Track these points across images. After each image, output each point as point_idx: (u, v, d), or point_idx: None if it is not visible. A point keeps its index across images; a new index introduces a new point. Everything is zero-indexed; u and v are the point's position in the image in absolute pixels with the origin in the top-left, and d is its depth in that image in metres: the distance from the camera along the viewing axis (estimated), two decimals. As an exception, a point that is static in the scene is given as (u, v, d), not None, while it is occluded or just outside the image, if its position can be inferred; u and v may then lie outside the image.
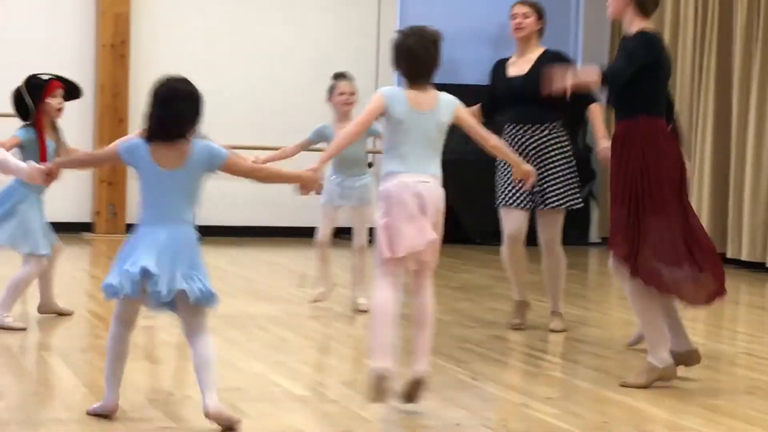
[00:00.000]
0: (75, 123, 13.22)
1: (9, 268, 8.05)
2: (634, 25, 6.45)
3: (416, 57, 5.70)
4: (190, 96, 5.24)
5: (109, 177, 13.70)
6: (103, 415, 5.34)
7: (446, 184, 15.41)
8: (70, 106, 8.12)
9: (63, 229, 13.73)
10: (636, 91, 6.36)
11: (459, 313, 8.84)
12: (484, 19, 15.25)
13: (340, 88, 8.76)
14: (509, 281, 8.35)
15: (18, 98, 7.76)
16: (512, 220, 8.09)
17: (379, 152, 8.91)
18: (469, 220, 14.18)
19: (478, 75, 14.95)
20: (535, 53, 8.13)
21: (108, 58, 13.60)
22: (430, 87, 5.78)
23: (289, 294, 9.69)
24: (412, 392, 5.70)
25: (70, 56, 13.66)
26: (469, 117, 5.99)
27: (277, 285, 10.10)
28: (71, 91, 7.98)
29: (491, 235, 14.34)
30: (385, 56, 14.72)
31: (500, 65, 8.32)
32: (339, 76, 8.87)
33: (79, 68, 13.53)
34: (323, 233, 8.86)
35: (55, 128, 7.87)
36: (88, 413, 5.36)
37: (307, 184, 5.58)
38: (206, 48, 14.14)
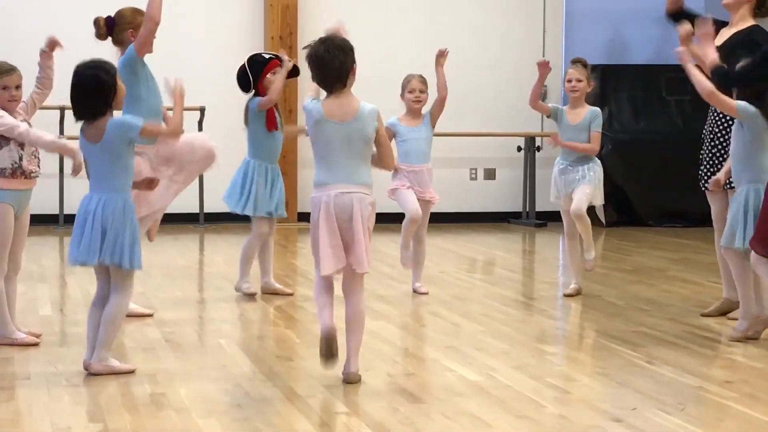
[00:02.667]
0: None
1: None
2: None
3: (324, 64, 5.75)
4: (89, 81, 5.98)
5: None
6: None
7: (616, 165, 15.24)
8: (242, 98, 8.47)
9: (236, 218, 14.01)
10: None
11: (633, 297, 8.72)
12: (653, -2, 15.00)
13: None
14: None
15: (241, 73, 8.45)
16: (710, 203, 7.81)
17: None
18: (640, 202, 13.96)
19: (648, 55, 14.77)
20: (738, 27, 7.66)
21: (276, 50, 13.76)
22: (348, 95, 5.79)
23: (459, 279, 9.69)
24: (350, 384, 5.81)
25: (239, 48, 13.88)
26: (383, 131, 5.90)
27: (447, 271, 10.11)
28: (293, 71, 8.62)
29: (664, 217, 14.19)
30: (550, 44, 14.71)
31: (719, 29, 7.75)
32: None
33: (249, 60, 13.78)
34: (565, 228, 8.68)
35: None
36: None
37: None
38: (372, 39, 14.21)
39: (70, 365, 6.20)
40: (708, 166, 7.74)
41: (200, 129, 13.26)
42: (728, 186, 7.48)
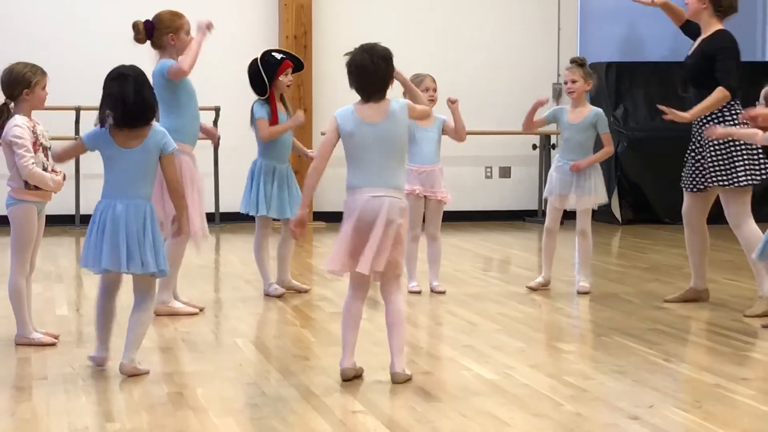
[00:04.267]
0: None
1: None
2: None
3: (367, 74, 5.79)
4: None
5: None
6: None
7: (632, 162, 15.16)
8: (254, 96, 8.48)
9: (252, 218, 14.02)
10: None
11: (649, 295, 8.71)
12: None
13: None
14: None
15: (254, 74, 8.43)
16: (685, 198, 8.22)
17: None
18: (656, 199, 13.93)
19: (663, 52, 14.75)
20: (705, 33, 7.95)
21: (291, 49, 13.77)
22: (383, 100, 5.83)
23: (475, 278, 9.69)
24: (397, 383, 5.84)
25: (254, 48, 13.86)
26: (416, 107, 5.97)
27: (463, 269, 10.11)
28: (297, 65, 8.66)
29: (680, 214, 14.11)
30: (565, 42, 14.68)
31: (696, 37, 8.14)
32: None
33: (264, 60, 13.78)
34: (547, 222, 8.88)
35: (283, 101, 8.57)
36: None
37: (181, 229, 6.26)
38: (387, 38, 14.18)
39: (87, 365, 6.21)
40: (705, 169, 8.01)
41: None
42: (697, 188, 7.99)
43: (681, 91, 13.61)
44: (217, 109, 13.20)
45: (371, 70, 5.78)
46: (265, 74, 8.39)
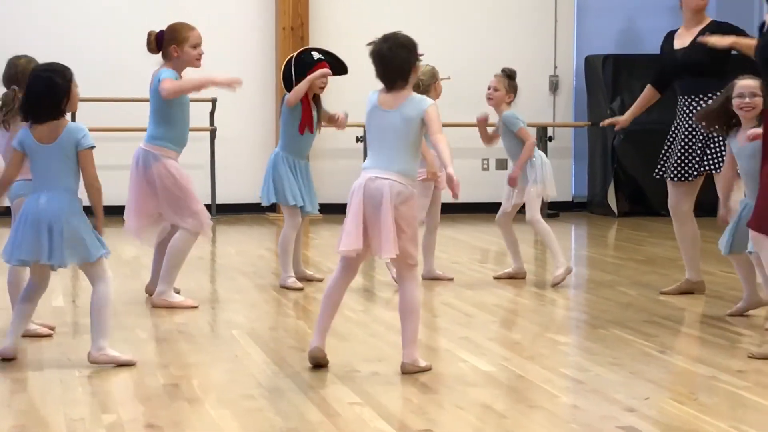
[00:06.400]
0: (258, 106, 13.44)
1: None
2: None
3: (386, 62, 5.86)
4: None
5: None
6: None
7: (629, 155, 15.13)
8: (254, 90, 8.44)
9: (248, 209, 14.01)
10: None
11: (645, 287, 8.72)
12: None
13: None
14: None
15: (286, 71, 8.46)
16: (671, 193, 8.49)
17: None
18: (653, 192, 13.91)
19: (660, 44, 14.73)
20: (701, 25, 8.23)
21: (287, 41, 13.77)
22: (406, 90, 5.88)
23: (472, 270, 9.69)
24: (407, 373, 5.88)
25: (251, 40, 13.89)
26: (434, 121, 5.85)
27: (459, 261, 10.12)
28: (337, 67, 8.48)
29: (675, 207, 14.14)
30: (562, 34, 14.67)
31: (669, 37, 8.53)
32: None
33: (260, 51, 13.76)
34: (500, 211, 9.15)
35: (316, 100, 8.51)
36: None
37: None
38: (384, 29, 14.17)
39: (83, 356, 6.21)
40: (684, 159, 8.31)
41: (212, 121, 13.26)
42: (687, 178, 8.21)
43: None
44: (213, 101, 13.18)
45: (390, 58, 5.85)
46: (294, 72, 8.36)
